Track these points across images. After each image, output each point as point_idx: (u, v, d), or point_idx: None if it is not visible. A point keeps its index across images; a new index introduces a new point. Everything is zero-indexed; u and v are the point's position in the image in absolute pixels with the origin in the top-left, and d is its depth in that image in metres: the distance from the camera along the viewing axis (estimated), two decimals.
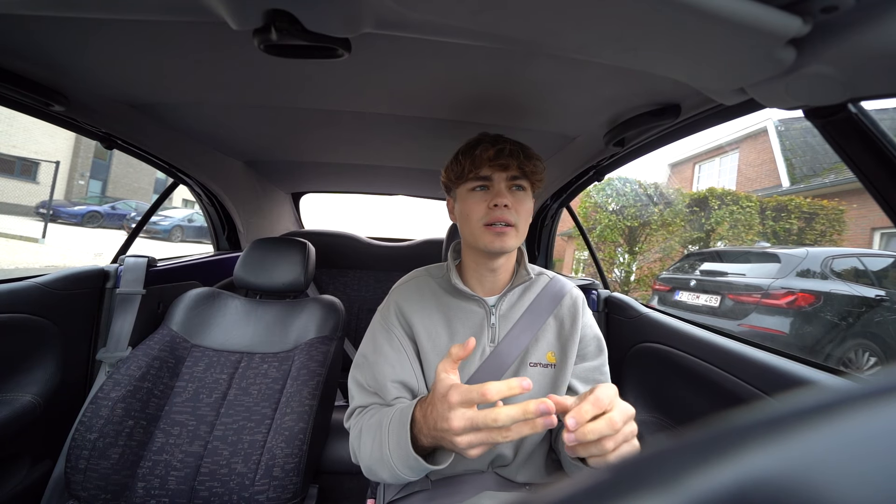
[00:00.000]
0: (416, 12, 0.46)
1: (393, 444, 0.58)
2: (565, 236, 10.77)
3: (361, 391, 0.75)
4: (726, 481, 0.11)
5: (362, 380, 0.76)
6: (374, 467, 0.63)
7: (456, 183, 0.77)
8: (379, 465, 0.61)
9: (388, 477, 0.61)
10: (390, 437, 0.59)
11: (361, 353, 0.79)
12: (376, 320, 0.81)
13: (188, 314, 1.15)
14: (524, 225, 0.74)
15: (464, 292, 0.77)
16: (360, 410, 0.74)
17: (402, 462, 0.57)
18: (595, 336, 0.80)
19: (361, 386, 0.76)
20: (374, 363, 0.75)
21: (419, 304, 0.79)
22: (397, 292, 0.82)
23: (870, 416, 0.12)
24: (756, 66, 0.48)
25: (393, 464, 0.58)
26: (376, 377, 0.73)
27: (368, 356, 0.77)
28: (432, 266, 0.88)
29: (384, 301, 0.83)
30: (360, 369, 0.77)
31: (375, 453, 0.61)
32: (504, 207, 0.71)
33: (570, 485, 0.13)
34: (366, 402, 0.74)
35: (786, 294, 3.70)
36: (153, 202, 1.52)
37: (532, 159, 0.73)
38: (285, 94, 0.90)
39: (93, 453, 0.86)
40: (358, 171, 1.59)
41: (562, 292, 0.81)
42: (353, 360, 0.80)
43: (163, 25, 0.63)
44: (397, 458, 0.58)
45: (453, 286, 0.78)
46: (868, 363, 3.57)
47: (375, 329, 0.79)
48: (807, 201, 7.18)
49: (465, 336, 0.76)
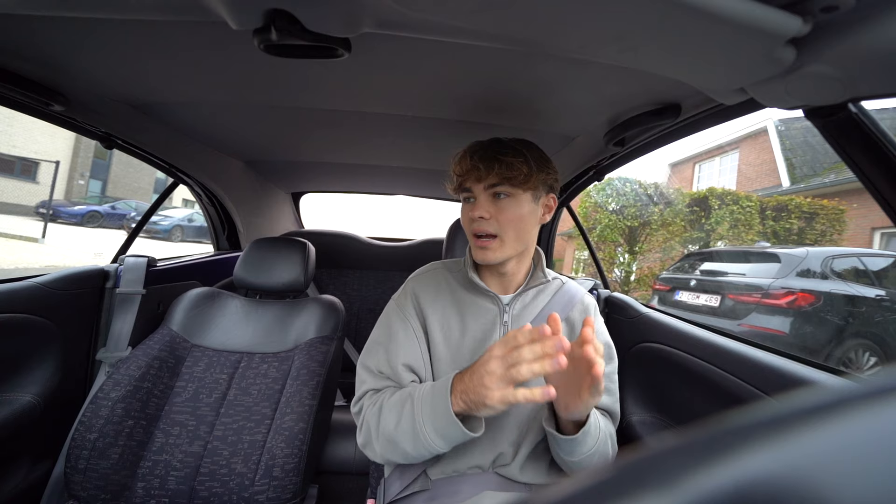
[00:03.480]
0: (416, 12, 0.46)
1: (427, 412, 0.61)
2: (565, 236, 10.77)
3: (372, 376, 0.75)
4: (726, 481, 0.11)
5: (373, 365, 0.75)
6: (399, 439, 0.63)
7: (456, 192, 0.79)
8: (405, 437, 0.62)
9: (411, 449, 0.63)
10: (423, 407, 0.61)
11: (373, 339, 0.79)
12: (391, 307, 0.81)
13: (188, 314, 1.15)
14: (513, 232, 0.72)
15: (480, 288, 0.77)
16: (372, 393, 0.73)
17: (437, 429, 0.60)
18: (606, 342, 0.81)
19: (371, 371, 0.75)
20: (388, 348, 0.75)
21: (435, 295, 0.79)
22: (415, 281, 0.82)
23: (870, 416, 0.12)
24: (756, 66, 0.48)
25: (426, 433, 0.60)
26: (390, 362, 0.73)
27: (381, 342, 0.77)
28: (449, 261, 0.88)
29: (401, 289, 0.83)
30: (372, 354, 0.76)
31: (404, 424, 0.62)
32: (480, 219, 0.71)
33: (570, 485, 0.13)
34: (378, 385, 0.74)
35: (786, 294, 3.69)
36: (153, 202, 1.52)
37: (506, 164, 0.69)
38: (285, 93, 0.90)
39: (93, 453, 0.86)
40: (358, 170, 1.59)
41: (574, 298, 0.82)
42: (364, 347, 0.79)
43: (163, 25, 0.63)
44: (431, 427, 0.60)
45: (470, 281, 0.78)
46: (868, 363, 3.57)
47: (391, 315, 0.79)
48: (807, 201, 7.18)
49: (477, 332, 0.76)
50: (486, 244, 0.72)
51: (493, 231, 0.71)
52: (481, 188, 0.72)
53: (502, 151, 0.71)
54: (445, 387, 0.61)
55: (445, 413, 0.59)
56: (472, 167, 0.71)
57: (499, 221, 0.72)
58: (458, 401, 0.59)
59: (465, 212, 0.75)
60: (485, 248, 0.72)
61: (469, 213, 0.73)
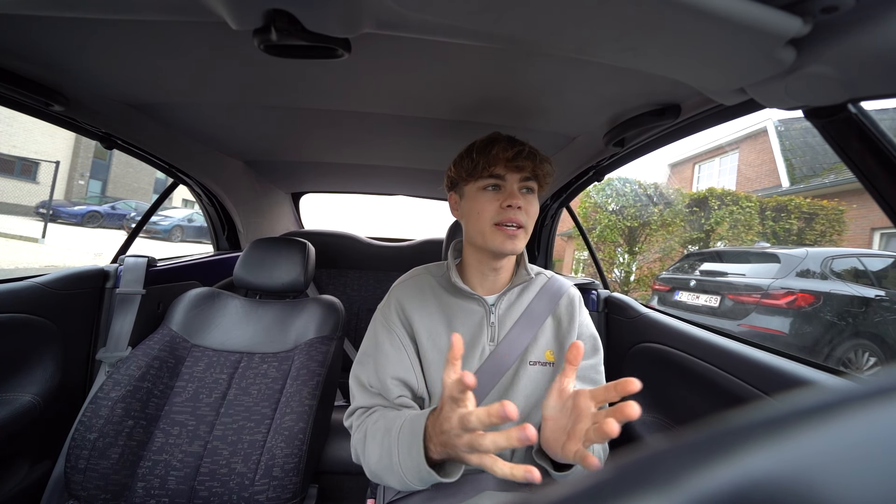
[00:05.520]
0: (416, 12, 0.46)
1: (403, 453, 0.58)
2: (565, 236, 10.77)
3: (363, 391, 0.75)
4: (726, 481, 0.11)
5: (364, 378, 0.75)
6: (381, 474, 0.63)
7: (466, 179, 0.76)
8: (387, 473, 0.61)
9: (397, 484, 0.61)
10: (400, 447, 0.59)
11: (363, 350, 0.79)
12: (377, 318, 0.81)
13: (188, 314, 1.15)
14: (531, 227, 0.75)
15: (464, 291, 0.77)
16: (362, 412, 0.74)
17: (413, 473, 0.57)
18: (591, 335, 0.81)
19: (363, 385, 0.75)
20: (376, 361, 0.75)
21: (420, 302, 0.79)
22: (398, 290, 0.82)
23: (870, 416, 0.12)
24: (756, 67, 0.48)
25: (403, 473, 0.58)
26: (378, 374, 0.73)
27: (370, 353, 0.77)
28: (432, 265, 0.88)
29: (385, 299, 0.83)
30: (363, 366, 0.77)
31: (384, 460, 0.61)
32: (517, 209, 0.71)
33: (570, 485, 0.13)
34: (368, 402, 0.74)
35: (785, 294, 3.70)
36: (153, 202, 1.52)
37: (544, 163, 0.74)
38: (285, 93, 0.90)
39: (93, 453, 0.86)
40: (358, 171, 1.59)
41: (560, 291, 0.82)
42: (356, 357, 0.80)
43: (163, 25, 0.63)
44: (408, 469, 0.57)
45: (453, 285, 0.78)
46: (868, 363, 3.57)
47: (377, 327, 0.79)
48: (807, 201, 7.18)
49: (466, 335, 0.76)
50: (516, 233, 0.71)
51: (523, 222, 0.72)
52: (516, 178, 0.72)
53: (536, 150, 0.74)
54: (418, 432, 0.57)
55: (419, 461, 0.56)
56: (526, 155, 0.71)
57: (527, 214, 0.73)
58: (436, 448, 0.55)
59: (490, 200, 0.72)
60: (515, 237, 0.71)
61: (500, 201, 0.71)
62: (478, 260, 0.78)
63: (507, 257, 0.77)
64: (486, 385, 0.73)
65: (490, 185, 0.74)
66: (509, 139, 0.74)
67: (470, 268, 0.80)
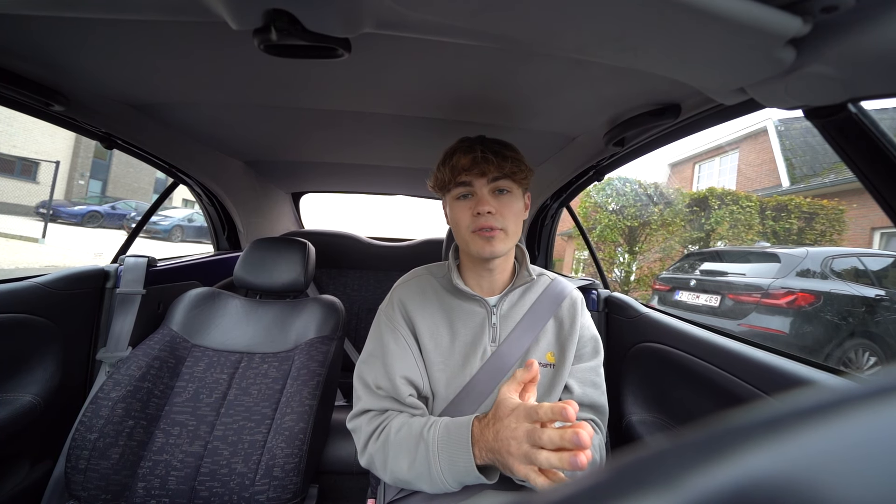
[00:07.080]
0: (416, 12, 0.46)
1: (444, 461, 0.61)
2: (565, 236, 10.77)
3: (369, 393, 0.74)
4: (726, 481, 0.11)
5: (370, 380, 0.74)
6: (411, 480, 0.64)
7: (442, 192, 0.78)
8: (420, 480, 0.63)
9: (428, 488, 0.63)
10: (440, 455, 0.61)
11: (368, 351, 0.78)
12: (380, 319, 0.80)
13: (188, 314, 1.15)
14: (514, 226, 0.74)
15: (465, 292, 0.77)
16: (373, 415, 0.72)
17: (455, 479, 0.60)
18: (592, 337, 0.81)
19: (369, 387, 0.74)
20: (384, 361, 0.74)
21: (421, 303, 0.79)
22: (400, 290, 0.82)
23: (870, 416, 0.12)
24: (756, 66, 0.48)
25: (444, 479, 0.60)
26: (388, 374, 0.73)
27: (376, 354, 0.76)
28: (433, 265, 0.88)
29: (386, 299, 0.83)
30: (369, 367, 0.76)
31: (418, 468, 0.62)
32: (488, 214, 0.71)
33: (570, 485, 0.13)
34: (375, 405, 0.73)
35: (786, 294, 3.70)
36: (153, 202, 1.52)
37: (510, 160, 0.72)
38: (285, 93, 0.90)
39: (93, 453, 0.86)
40: (358, 170, 1.59)
41: (562, 294, 0.82)
42: (359, 357, 0.79)
43: (163, 25, 0.63)
44: (450, 475, 0.60)
45: (454, 286, 0.78)
46: (868, 363, 3.57)
47: (381, 327, 0.79)
48: (807, 201, 7.18)
49: (467, 336, 0.76)
50: (492, 235, 0.71)
51: (498, 225, 0.71)
52: (484, 182, 0.72)
53: (502, 148, 0.73)
54: (466, 438, 0.60)
55: (467, 467, 0.59)
56: (480, 160, 0.71)
57: (503, 216, 0.72)
58: (482, 453, 0.58)
59: (463, 208, 0.73)
60: (492, 238, 0.71)
61: (472, 209, 0.72)
62: (472, 262, 0.79)
63: (501, 258, 0.77)
64: (487, 386, 0.73)
65: (461, 193, 0.74)
66: (469, 145, 0.73)
67: (467, 269, 0.81)
